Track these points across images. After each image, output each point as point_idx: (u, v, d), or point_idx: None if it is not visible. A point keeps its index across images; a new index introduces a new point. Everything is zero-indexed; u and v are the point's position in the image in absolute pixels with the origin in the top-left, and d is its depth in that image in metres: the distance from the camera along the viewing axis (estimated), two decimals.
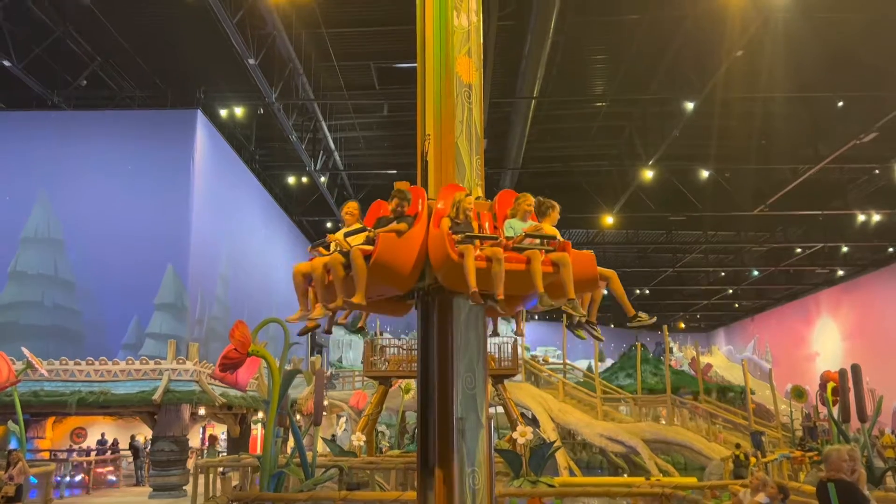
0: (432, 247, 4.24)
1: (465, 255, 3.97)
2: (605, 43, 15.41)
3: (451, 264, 4.07)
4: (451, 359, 4.39)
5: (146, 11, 14.02)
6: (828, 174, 19.27)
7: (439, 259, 4.17)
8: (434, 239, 4.25)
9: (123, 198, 14.74)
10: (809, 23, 12.87)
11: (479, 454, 4.30)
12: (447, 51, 5.03)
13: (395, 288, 4.34)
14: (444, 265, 4.13)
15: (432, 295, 4.47)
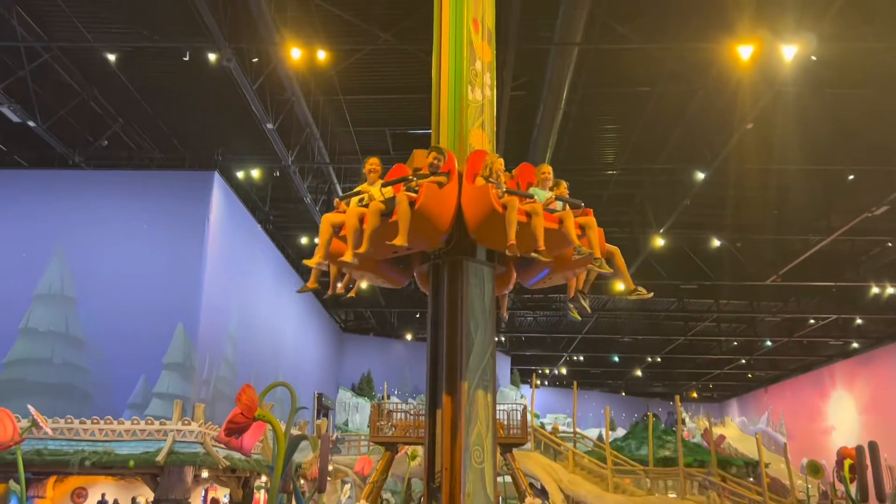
0: (473, 199, 4.38)
1: (510, 206, 4.15)
2: (615, 113, 15.67)
3: (493, 217, 4.21)
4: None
5: (169, 75, 14.42)
6: (840, 245, 19.23)
7: (480, 211, 4.30)
8: (476, 191, 4.39)
9: (138, 256, 14.87)
10: (819, 98, 13.06)
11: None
12: (461, 123, 5.15)
13: (428, 239, 4.47)
14: (484, 217, 4.27)
15: (443, 259, 4.68)
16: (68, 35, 13.18)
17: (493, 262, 4.80)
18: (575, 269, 4.83)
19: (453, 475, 4.36)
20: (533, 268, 4.91)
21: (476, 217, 4.35)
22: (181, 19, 12.04)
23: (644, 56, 12.77)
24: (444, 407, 4.51)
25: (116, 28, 13.09)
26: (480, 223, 4.33)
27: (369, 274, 4.98)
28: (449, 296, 4.67)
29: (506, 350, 33.22)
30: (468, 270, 4.65)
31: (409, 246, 4.36)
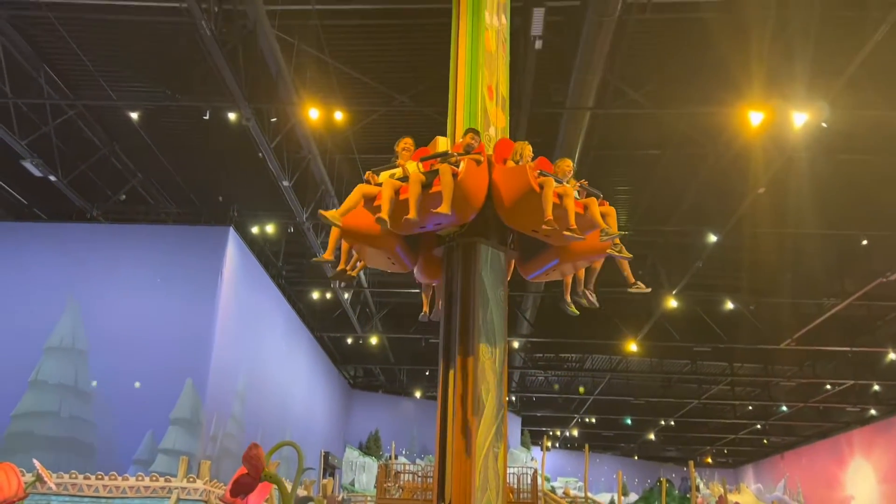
0: (510, 178, 4.60)
1: (546, 185, 4.44)
2: (627, 175, 15.79)
3: (530, 195, 4.45)
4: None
5: (189, 132, 14.73)
6: (855, 310, 19.04)
7: (518, 189, 4.52)
8: (514, 171, 4.64)
9: (150, 310, 14.91)
10: (832, 163, 13.14)
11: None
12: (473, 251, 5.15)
13: (461, 214, 4.60)
14: (521, 195, 4.49)
15: (457, 241, 4.85)
16: (93, 93, 13.55)
17: (505, 247, 5.01)
18: (580, 260, 5.10)
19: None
20: (538, 259, 5.11)
21: (513, 195, 4.55)
22: (203, 79, 12.37)
23: (655, 120, 12.94)
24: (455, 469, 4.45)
25: (140, 87, 13.45)
26: (517, 201, 4.54)
27: (382, 251, 5.04)
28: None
29: (516, 410, 32.76)
30: (482, 253, 4.87)
31: (437, 224, 4.63)
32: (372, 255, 5.15)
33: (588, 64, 10.49)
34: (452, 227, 4.84)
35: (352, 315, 21.57)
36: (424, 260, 5.24)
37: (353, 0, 11.39)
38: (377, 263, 5.30)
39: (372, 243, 4.94)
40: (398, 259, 5.14)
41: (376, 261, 5.23)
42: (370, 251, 5.07)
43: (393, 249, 5.01)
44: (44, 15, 11.54)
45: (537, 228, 4.53)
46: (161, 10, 11.47)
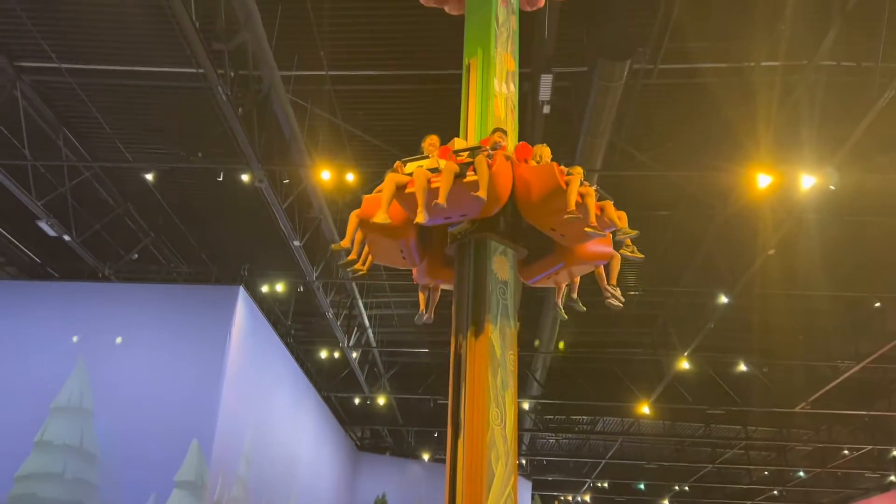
0: (537, 175, 4.87)
1: (571, 182, 4.73)
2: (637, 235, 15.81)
3: (557, 192, 4.71)
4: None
5: (202, 193, 14.95)
6: (870, 373, 18.75)
7: (544, 186, 4.77)
8: (542, 168, 4.93)
9: (158, 369, 14.83)
10: (841, 225, 13.16)
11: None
12: (484, 248, 5.22)
13: (489, 205, 4.76)
14: (547, 192, 4.75)
15: (469, 237, 5.04)
16: (110, 155, 13.83)
17: (516, 244, 5.19)
18: (585, 264, 5.33)
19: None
20: (542, 262, 5.32)
21: (541, 191, 4.78)
22: (218, 142, 12.61)
23: (664, 181, 13.04)
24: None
25: (155, 149, 13.74)
26: (544, 197, 4.77)
27: (398, 243, 5.19)
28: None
29: (527, 474, 32.06)
30: (492, 248, 5.05)
31: (462, 216, 4.86)
32: (384, 248, 5.28)
33: (595, 127, 10.65)
34: (465, 223, 5.06)
35: (359, 375, 21.40)
36: (430, 259, 5.43)
37: (364, 66, 11.69)
38: (387, 258, 5.42)
39: (389, 234, 5.08)
40: (409, 253, 5.27)
41: (387, 254, 5.36)
42: (384, 243, 5.22)
43: (409, 241, 5.15)
44: (66, 80, 11.88)
45: (556, 226, 4.82)
46: (178, 76, 11.80)
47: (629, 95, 10.95)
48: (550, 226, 4.89)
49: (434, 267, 5.47)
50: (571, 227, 4.79)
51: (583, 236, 4.89)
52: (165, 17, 10.44)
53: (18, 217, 14.56)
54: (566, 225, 4.77)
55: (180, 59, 11.22)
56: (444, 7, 6.76)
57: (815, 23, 9.92)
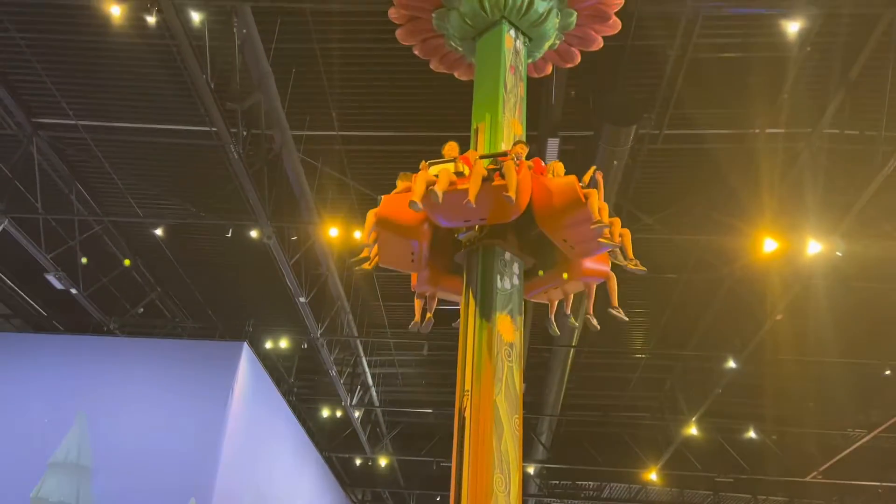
0: (559, 186, 5.09)
1: (591, 195, 4.94)
2: (643, 298, 15.77)
3: (576, 203, 4.93)
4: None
5: (210, 248, 15.05)
6: (882, 442, 18.38)
7: (566, 197, 4.98)
8: (563, 180, 5.16)
9: (158, 426, 14.64)
10: (849, 291, 13.10)
11: None
12: (490, 310, 5.21)
13: (511, 210, 4.97)
14: (568, 202, 4.96)
15: (477, 244, 5.22)
16: (120, 210, 13.98)
17: (523, 253, 5.34)
18: (586, 278, 5.48)
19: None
20: (538, 278, 5.53)
21: (563, 201, 4.97)
22: (228, 198, 12.77)
23: (670, 245, 13.07)
24: None
25: (166, 204, 13.88)
26: (565, 207, 4.95)
27: (411, 243, 5.29)
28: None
29: None
30: (499, 255, 5.21)
31: (484, 216, 5.04)
32: (396, 248, 5.35)
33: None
34: (474, 232, 5.25)
35: (361, 434, 21.09)
36: (432, 266, 5.55)
37: (374, 127, 11.90)
38: (395, 258, 5.46)
39: (406, 233, 5.22)
40: (419, 256, 5.35)
41: (396, 255, 5.41)
42: (397, 243, 5.30)
43: (422, 244, 5.26)
44: (81, 136, 12.12)
45: (569, 237, 5.02)
46: (192, 134, 12.02)
47: (635, 159, 11.09)
48: (563, 237, 5.06)
49: (436, 274, 5.59)
50: (584, 238, 5.01)
51: (592, 249, 5.11)
52: (181, 76, 10.72)
53: (27, 269, 14.67)
54: (579, 236, 5.00)
55: (194, 118, 11.47)
56: (454, 72, 6.91)
57: (818, 91, 10.10)
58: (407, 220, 5.17)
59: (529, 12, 5.99)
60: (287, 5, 9.76)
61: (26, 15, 10.26)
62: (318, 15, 9.95)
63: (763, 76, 9.95)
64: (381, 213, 5.26)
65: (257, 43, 9.83)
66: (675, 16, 9.38)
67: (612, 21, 6.35)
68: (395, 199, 5.34)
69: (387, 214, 5.24)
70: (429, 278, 5.63)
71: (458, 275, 5.57)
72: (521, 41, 6.16)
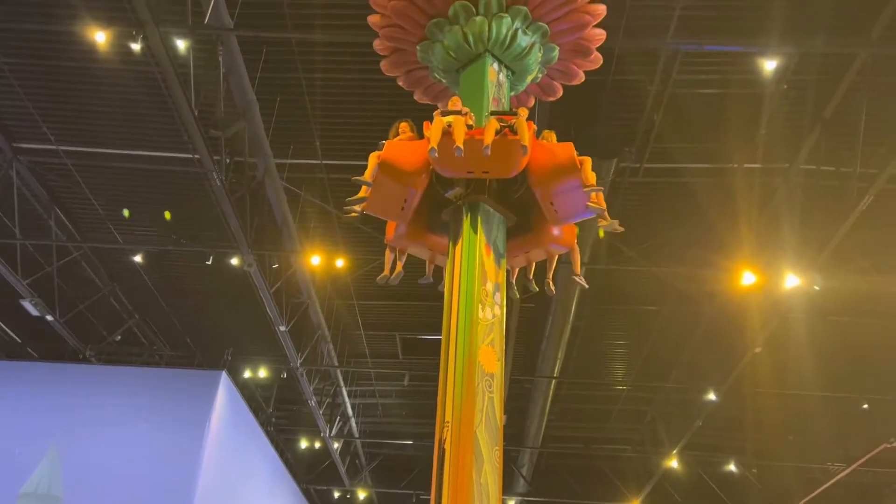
0: (561, 148, 5.25)
1: (585, 163, 5.15)
2: (624, 329, 15.84)
3: (572, 167, 5.09)
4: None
5: (190, 276, 14.93)
6: (862, 476, 18.42)
7: (565, 162, 5.13)
8: (563, 146, 5.28)
9: (133, 456, 14.34)
10: (827, 325, 13.22)
11: None
12: (471, 341, 5.18)
13: (517, 163, 5.11)
14: (566, 167, 5.10)
15: (463, 200, 5.25)
16: (99, 236, 13.87)
17: (507, 212, 5.39)
18: (544, 249, 5.67)
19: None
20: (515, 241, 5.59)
21: (562, 163, 5.11)
22: (209, 226, 12.70)
23: (651, 277, 13.16)
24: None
25: (145, 230, 13.79)
26: (563, 170, 5.09)
27: (406, 189, 5.26)
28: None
29: None
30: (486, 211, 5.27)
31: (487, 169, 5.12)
32: (388, 194, 5.28)
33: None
34: (459, 189, 5.28)
35: (340, 466, 20.80)
36: (413, 221, 5.54)
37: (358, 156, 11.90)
38: (383, 206, 5.41)
39: (406, 180, 5.20)
40: (409, 205, 5.32)
41: (386, 202, 5.35)
42: (392, 188, 5.24)
43: (417, 192, 5.24)
44: (62, 162, 12.05)
45: (555, 200, 5.15)
46: (174, 161, 11.99)
47: (616, 192, 11.20)
48: (552, 199, 5.18)
49: (413, 229, 5.61)
50: (572, 203, 5.17)
51: (575, 214, 5.26)
52: (165, 103, 10.72)
53: (2, 295, 14.42)
54: (569, 200, 5.15)
55: (177, 144, 11.45)
56: (438, 104, 6.97)
57: (794, 128, 10.30)
58: (410, 166, 5.19)
59: (513, 46, 6.06)
60: (272, 35, 9.84)
61: (9, 40, 10.25)
62: (304, 45, 10.03)
63: (741, 112, 10.13)
64: (385, 157, 5.20)
65: (242, 71, 9.88)
66: (654, 52, 9.57)
67: (594, 56, 6.44)
68: (400, 144, 5.38)
69: (391, 158, 5.19)
70: (406, 232, 5.66)
71: (432, 231, 5.67)
72: (505, 74, 6.22)
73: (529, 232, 5.61)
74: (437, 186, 5.44)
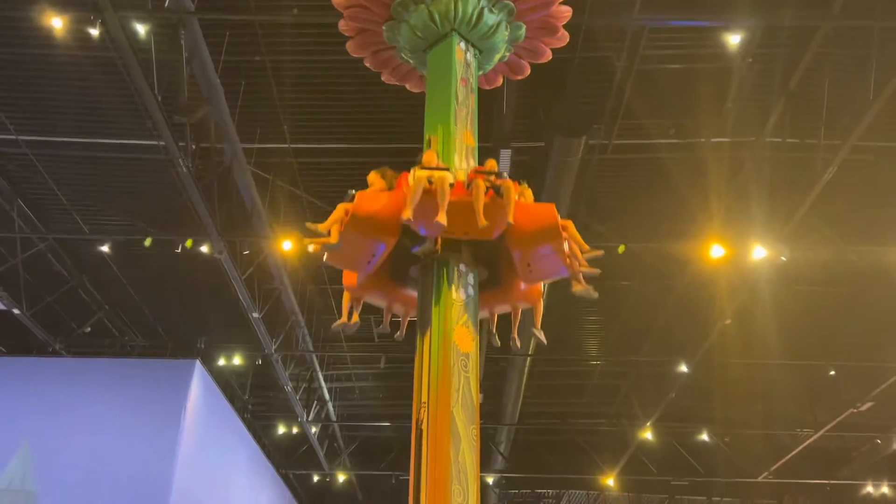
0: (541, 215, 5.09)
1: (568, 227, 5.11)
2: (597, 305, 15.97)
3: (555, 233, 4.97)
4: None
5: (159, 265, 14.69)
6: (830, 441, 18.92)
7: (546, 227, 5.00)
8: (545, 209, 5.15)
9: (108, 448, 14.20)
10: (794, 294, 13.47)
11: None
12: (446, 321, 5.20)
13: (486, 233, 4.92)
14: (548, 233, 4.98)
15: (433, 258, 5.12)
16: (65, 226, 13.59)
17: (477, 267, 5.29)
18: (509, 305, 5.65)
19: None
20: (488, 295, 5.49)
21: (544, 229, 4.99)
22: (177, 213, 12.52)
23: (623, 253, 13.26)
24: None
25: (112, 220, 13.55)
26: (544, 235, 4.97)
27: (376, 244, 5.09)
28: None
29: None
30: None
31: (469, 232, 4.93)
32: (357, 247, 5.09)
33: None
34: (429, 244, 5.12)
35: (319, 451, 20.82)
36: (377, 273, 5.37)
37: (326, 139, 11.83)
38: (349, 260, 5.26)
39: (378, 235, 5.01)
40: (376, 260, 5.15)
41: (354, 254, 5.16)
42: (361, 242, 5.06)
43: (389, 245, 5.06)
44: (22, 152, 11.76)
45: (532, 262, 5.07)
46: (138, 148, 11.77)
47: (586, 169, 11.24)
48: (530, 260, 5.08)
49: (375, 279, 5.45)
50: (548, 265, 5.10)
51: (553, 275, 5.22)
52: (127, 89, 10.49)
53: None
54: (545, 263, 5.07)
55: (141, 132, 11.23)
56: (405, 84, 6.91)
57: (760, 101, 10.41)
58: (384, 221, 5.00)
59: (479, 25, 6.02)
60: (235, 18, 9.66)
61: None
62: (268, 27, 9.86)
63: (708, 86, 10.21)
64: (358, 210, 4.96)
65: (206, 55, 9.68)
66: (621, 28, 9.57)
67: (561, 34, 6.43)
68: (372, 196, 5.18)
69: (363, 212, 4.98)
70: (367, 282, 5.50)
71: (395, 281, 5.55)
72: (472, 53, 6.19)
73: (497, 286, 5.48)
74: (405, 239, 5.20)
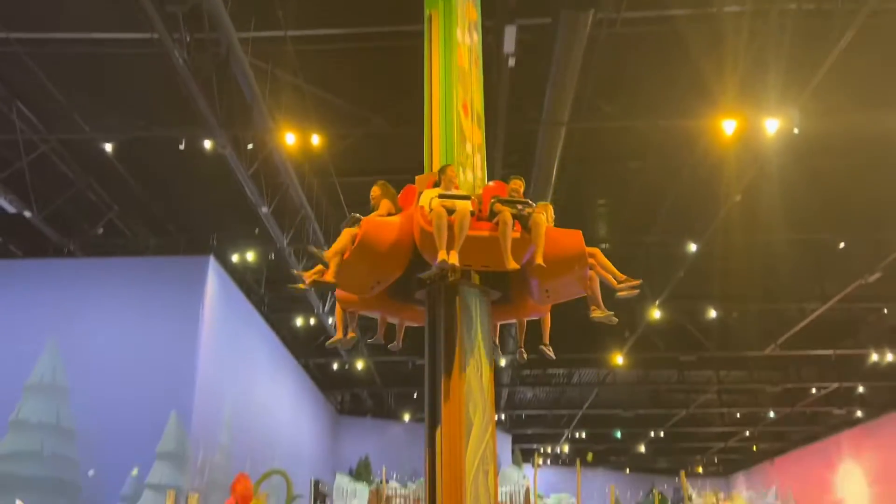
0: (568, 244, 4.92)
1: (596, 255, 5.05)
2: (605, 187, 15.90)
3: (581, 262, 4.89)
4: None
5: (165, 163, 14.62)
6: (836, 313, 19.20)
7: (574, 257, 4.86)
8: (572, 238, 4.99)
9: (131, 344, 14.69)
10: (804, 168, 13.29)
11: None
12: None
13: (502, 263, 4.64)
14: (575, 262, 4.86)
15: (439, 284, 4.90)
16: (66, 127, 13.41)
17: (488, 289, 5.12)
18: (516, 319, 5.62)
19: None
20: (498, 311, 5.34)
21: (570, 258, 4.84)
22: (177, 108, 12.28)
23: (631, 132, 13.05)
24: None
25: (113, 119, 13.35)
26: (571, 264, 4.83)
27: (386, 272, 4.88)
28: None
29: (506, 428, 32.61)
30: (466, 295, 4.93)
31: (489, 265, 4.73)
32: (360, 274, 4.86)
33: (561, 80, 10.57)
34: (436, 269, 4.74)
35: None
36: (383, 294, 5.16)
37: (325, 25, 11.43)
38: (354, 284, 5.03)
39: (384, 264, 4.75)
40: (380, 286, 4.98)
41: (358, 281, 4.97)
42: (366, 270, 4.80)
43: (396, 274, 4.86)
44: (13, 51, 11.45)
45: (551, 288, 4.93)
46: (132, 42, 11.42)
47: (594, 46, 10.84)
48: (549, 287, 4.94)
49: (375, 298, 5.20)
50: (568, 290, 5.01)
51: (568, 297, 5.12)
52: None
53: None
54: (566, 288, 4.98)
55: (132, 24, 10.85)
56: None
57: None
58: (393, 254, 4.70)
59: None
60: None
61: None
62: None
63: None
64: (366, 240, 4.58)
65: None
66: None
67: None
68: (381, 225, 4.74)
69: (371, 242, 4.61)
70: (366, 301, 5.25)
71: (392, 298, 5.29)
72: None
73: (507, 303, 5.29)
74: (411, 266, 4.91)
